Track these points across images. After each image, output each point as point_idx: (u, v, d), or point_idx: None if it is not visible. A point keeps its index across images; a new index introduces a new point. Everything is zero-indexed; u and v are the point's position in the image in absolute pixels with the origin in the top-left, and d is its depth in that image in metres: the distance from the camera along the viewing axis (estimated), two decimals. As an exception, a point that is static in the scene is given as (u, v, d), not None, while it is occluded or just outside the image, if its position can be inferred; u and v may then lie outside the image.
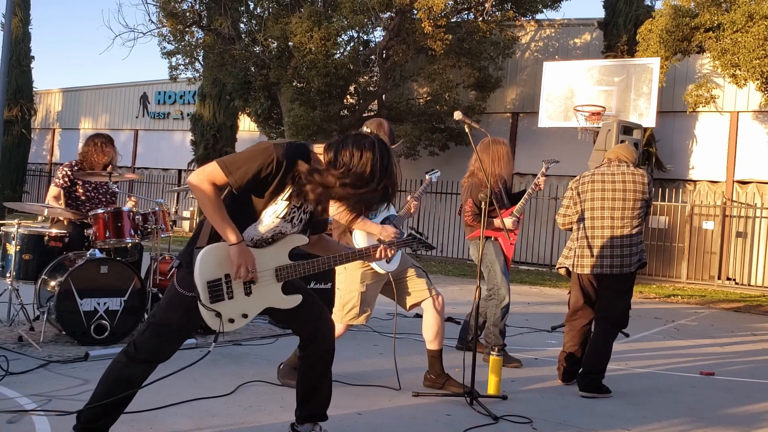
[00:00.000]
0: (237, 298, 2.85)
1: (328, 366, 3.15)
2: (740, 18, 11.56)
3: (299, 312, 3.04)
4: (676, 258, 15.30)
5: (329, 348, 3.12)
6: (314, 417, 3.18)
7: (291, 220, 2.92)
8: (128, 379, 2.86)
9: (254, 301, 2.89)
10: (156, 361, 2.89)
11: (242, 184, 2.75)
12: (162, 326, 2.86)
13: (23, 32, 23.00)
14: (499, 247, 5.50)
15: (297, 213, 2.92)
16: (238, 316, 2.86)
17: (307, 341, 3.10)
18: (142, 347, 2.85)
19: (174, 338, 2.89)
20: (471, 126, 4.43)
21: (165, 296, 2.91)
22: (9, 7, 16.67)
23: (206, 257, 2.78)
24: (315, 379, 3.14)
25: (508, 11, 15.93)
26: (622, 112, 12.46)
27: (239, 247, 2.76)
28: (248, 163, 2.73)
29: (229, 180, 2.73)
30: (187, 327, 2.91)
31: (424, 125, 16.45)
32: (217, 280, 2.80)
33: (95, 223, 5.35)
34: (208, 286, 2.78)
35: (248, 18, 17.17)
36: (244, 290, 2.86)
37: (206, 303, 2.78)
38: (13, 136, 22.79)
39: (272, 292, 2.92)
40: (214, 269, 2.79)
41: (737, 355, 6.76)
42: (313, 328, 3.08)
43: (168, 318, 2.85)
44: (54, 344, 5.04)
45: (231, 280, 2.82)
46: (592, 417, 4.18)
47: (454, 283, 12.07)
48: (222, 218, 2.75)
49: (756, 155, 14.79)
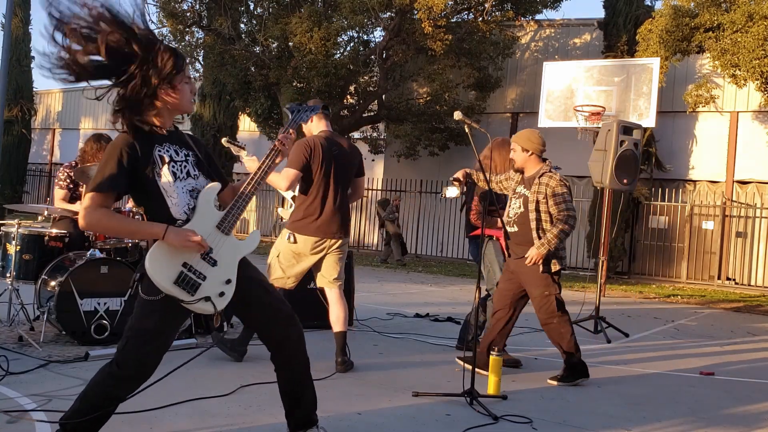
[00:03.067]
0: (209, 274, 2.77)
1: (303, 375, 3.09)
2: (740, 18, 11.57)
3: (269, 312, 2.98)
4: (676, 258, 15.31)
5: (299, 356, 3.05)
6: (304, 425, 3.13)
7: (186, 174, 2.85)
8: (115, 397, 2.79)
9: (225, 265, 2.82)
10: (141, 377, 2.77)
11: (118, 187, 2.70)
12: (141, 337, 2.74)
13: (23, 32, 23.00)
14: (500, 247, 5.50)
15: (182, 165, 2.86)
16: (223, 285, 2.79)
17: (273, 348, 3.03)
18: (126, 363, 2.73)
19: (156, 347, 2.77)
20: (471, 126, 4.43)
21: (135, 309, 2.81)
22: (9, 7, 16.68)
23: (154, 263, 2.69)
24: (296, 389, 3.09)
25: (507, 11, 15.93)
26: (622, 112, 12.47)
27: (170, 232, 2.68)
28: (105, 168, 2.68)
29: (104, 192, 2.67)
30: (165, 332, 2.80)
31: (424, 125, 16.45)
32: (180, 273, 2.71)
33: (95, 223, 5.35)
34: (177, 284, 2.70)
35: (248, 18, 17.18)
36: (209, 263, 2.78)
37: (189, 299, 2.72)
38: (13, 136, 22.79)
39: (231, 246, 2.86)
40: (170, 268, 2.71)
41: (737, 355, 6.76)
42: (279, 334, 3.01)
43: (144, 327, 2.74)
44: (54, 344, 5.04)
45: (191, 264, 2.74)
46: (592, 417, 4.18)
47: (454, 283, 12.08)
48: (135, 224, 2.75)
49: (756, 155, 14.79)
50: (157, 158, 2.77)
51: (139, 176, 2.73)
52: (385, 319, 7.25)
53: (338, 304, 4.86)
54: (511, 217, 4.98)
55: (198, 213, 2.82)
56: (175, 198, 2.80)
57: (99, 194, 2.67)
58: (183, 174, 2.84)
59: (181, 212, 2.80)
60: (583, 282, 13.20)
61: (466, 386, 4.22)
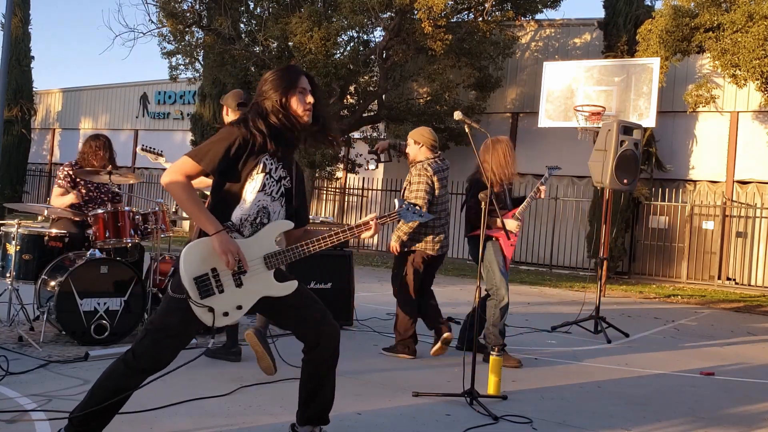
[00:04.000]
0: (228, 291, 2.81)
1: (332, 368, 3.11)
2: (740, 18, 11.56)
3: (302, 314, 3.02)
4: (676, 258, 15.31)
5: (333, 351, 3.08)
6: (317, 420, 3.14)
7: (271, 193, 2.94)
8: (126, 388, 2.84)
9: (247, 292, 2.86)
10: (154, 370, 2.85)
11: (215, 167, 2.80)
12: (161, 332, 2.82)
13: (23, 32, 22.99)
14: (499, 247, 5.50)
15: (275, 185, 2.95)
16: (232, 308, 2.83)
17: (311, 345, 3.06)
18: (142, 355, 2.81)
19: (174, 344, 2.85)
20: (471, 126, 4.43)
21: (162, 302, 2.91)
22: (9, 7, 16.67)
23: (189, 254, 2.77)
24: (319, 382, 3.11)
25: (508, 11, 15.93)
26: (622, 112, 12.47)
27: (220, 236, 2.75)
28: (215, 146, 2.81)
29: (201, 165, 2.79)
30: (186, 332, 2.87)
31: (424, 125, 16.43)
32: (204, 275, 2.77)
33: (95, 224, 5.35)
34: (195, 282, 2.76)
35: (248, 18, 17.17)
36: (234, 282, 2.82)
37: (196, 299, 2.75)
38: (13, 136, 22.78)
39: (264, 281, 2.89)
40: (199, 264, 2.77)
41: (737, 355, 6.76)
42: (317, 331, 3.03)
43: (166, 323, 2.82)
44: (54, 344, 5.04)
45: (219, 273, 2.79)
46: (591, 417, 4.18)
47: (454, 283, 12.08)
48: (199, 209, 2.78)
49: (756, 155, 14.79)
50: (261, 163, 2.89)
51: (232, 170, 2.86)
52: (385, 319, 7.24)
53: None
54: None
55: (257, 236, 2.88)
56: (246, 205, 2.88)
57: (195, 162, 2.80)
58: (269, 190, 2.94)
59: (238, 219, 2.88)
60: (583, 282, 13.21)
61: (466, 386, 4.23)
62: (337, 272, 6.54)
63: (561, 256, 16.39)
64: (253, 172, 2.87)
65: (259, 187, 2.89)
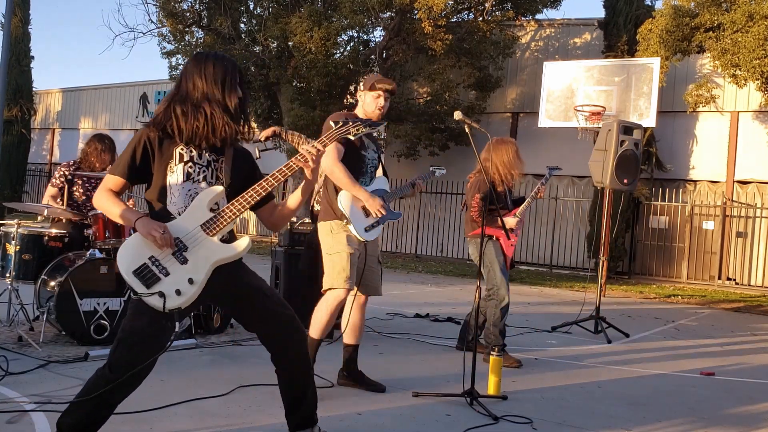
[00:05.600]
0: (174, 271, 2.75)
1: (308, 372, 3.08)
2: (740, 18, 11.56)
3: (268, 318, 2.95)
4: (676, 258, 15.30)
5: (302, 358, 3.03)
6: (306, 424, 3.13)
7: (204, 179, 2.89)
8: (110, 403, 2.79)
9: (195, 265, 2.78)
10: (134, 382, 2.77)
11: (129, 172, 2.82)
12: (132, 336, 2.74)
13: (23, 32, 22.96)
14: (500, 247, 5.50)
15: (205, 170, 2.89)
16: (184, 284, 2.75)
17: (277, 353, 3.00)
18: (118, 365, 2.72)
19: (146, 349, 2.75)
20: (471, 126, 4.43)
21: (129, 308, 2.84)
22: (9, 6, 16.67)
23: (122, 252, 2.76)
24: (299, 389, 3.08)
25: (508, 11, 15.93)
26: (622, 112, 12.47)
27: (141, 221, 2.75)
28: (123, 154, 2.85)
29: (116, 174, 2.82)
30: (157, 333, 2.77)
31: (424, 125, 16.44)
32: (141, 265, 2.73)
33: (95, 224, 5.35)
34: (135, 274, 2.71)
35: (248, 18, 17.17)
36: (178, 261, 2.77)
37: (142, 291, 2.71)
38: (13, 136, 22.76)
39: (209, 247, 2.82)
40: (134, 258, 2.74)
41: (737, 355, 6.75)
42: (283, 339, 2.98)
43: (135, 327, 2.75)
44: (54, 344, 5.04)
45: (158, 259, 2.74)
46: (591, 417, 4.17)
47: (454, 283, 12.08)
48: (120, 209, 2.81)
49: (756, 155, 14.79)
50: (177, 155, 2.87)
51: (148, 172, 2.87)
52: (385, 319, 7.24)
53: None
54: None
55: (186, 212, 2.84)
56: (176, 200, 2.84)
57: (110, 173, 2.85)
58: (198, 177, 2.89)
59: (176, 212, 2.84)
60: (583, 282, 13.20)
61: (466, 386, 4.22)
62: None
63: (561, 256, 16.38)
64: (170, 163, 2.85)
65: (181, 177, 2.85)
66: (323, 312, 4.22)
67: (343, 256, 4.17)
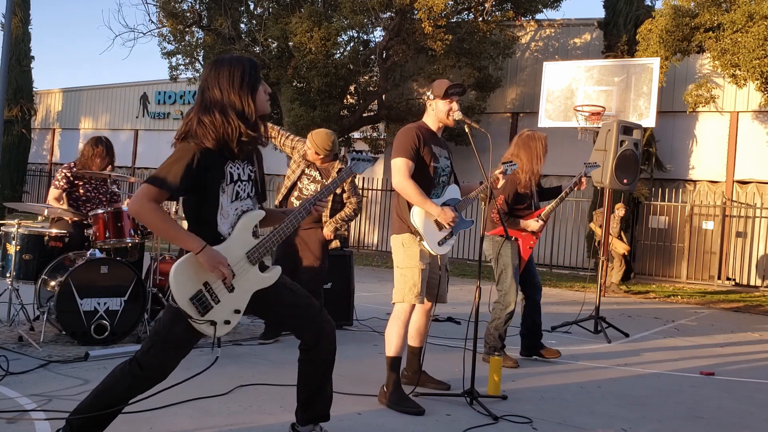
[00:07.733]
0: (224, 299, 2.81)
1: (331, 367, 3.12)
2: (740, 18, 11.56)
3: (300, 312, 3.02)
4: (676, 258, 15.31)
5: (332, 349, 3.08)
6: (318, 418, 3.16)
7: (248, 195, 2.92)
8: (132, 396, 2.88)
9: (240, 294, 2.86)
10: (160, 379, 2.88)
11: (179, 186, 2.68)
12: (168, 342, 2.83)
13: (23, 32, 22.96)
14: (517, 249, 5.46)
15: (247, 184, 2.93)
16: (231, 314, 2.84)
17: (310, 344, 3.06)
18: (149, 366, 2.83)
19: (180, 354, 2.88)
20: (471, 126, 4.43)
21: (165, 313, 2.89)
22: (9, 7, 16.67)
23: (178, 276, 2.71)
24: (319, 382, 3.11)
25: (508, 11, 15.93)
26: (622, 112, 12.47)
27: (206, 253, 2.70)
28: (174, 165, 2.69)
29: (164, 189, 2.67)
30: (191, 340, 2.88)
31: (424, 125, 16.44)
32: (198, 292, 2.75)
33: (95, 223, 5.35)
34: (192, 302, 2.74)
35: (248, 18, 17.18)
36: (228, 289, 2.82)
37: (198, 318, 2.75)
38: (13, 136, 22.75)
39: (252, 278, 2.89)
40: (191, 284, 2.74)
41: (737, 355, 6.76)
42: (316, 330, 3.03)
43: (172, 333, 2.82)
44: (54, 344, 5.04)
45: (211, 286, 2.78)
46: (591, 417, 4.18)
47: (454, 283, 12.07)
48: (176, 230, 2.70)
49: (756, 155, 14.79)
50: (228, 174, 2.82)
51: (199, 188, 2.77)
52: (385, 319, 7.22)
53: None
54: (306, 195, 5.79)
55: (234, 237, 2.85)
56: (228, 216, 2.85)
57: (157, 187, 2.67)
58: (244, 194, 2.91)
59: (227, 231, 2.84)
60: (583, 282, 13.20)
61: (466, 386, 4.22)
62: (337, 272, 6.53)
63: (561, 256, 16.38)
64: (222, 184, 2.79)
65: (233, 197, 2.85)
66: (396, 327, 4.30)
67: (415, 272, 4.21)
